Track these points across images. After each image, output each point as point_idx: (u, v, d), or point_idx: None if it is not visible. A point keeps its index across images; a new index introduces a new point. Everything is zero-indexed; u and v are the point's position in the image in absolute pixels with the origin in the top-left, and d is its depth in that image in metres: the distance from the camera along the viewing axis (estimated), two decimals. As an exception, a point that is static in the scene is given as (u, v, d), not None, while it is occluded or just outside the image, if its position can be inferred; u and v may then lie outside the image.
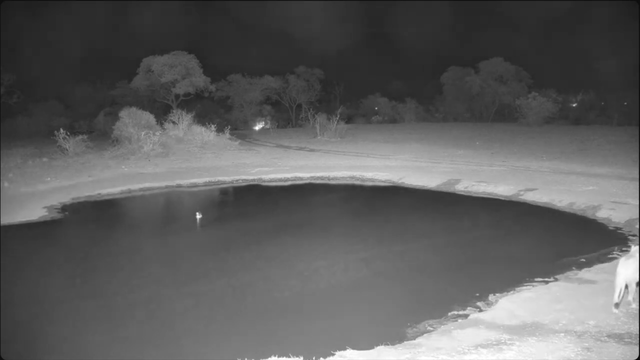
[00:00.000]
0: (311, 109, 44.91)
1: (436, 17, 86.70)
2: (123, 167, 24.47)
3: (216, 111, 58.80)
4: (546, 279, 8.61)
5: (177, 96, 46.21)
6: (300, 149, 32.07)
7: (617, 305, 6.80)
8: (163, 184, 20.00)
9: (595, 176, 18.13)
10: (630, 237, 11.26)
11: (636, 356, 5.57)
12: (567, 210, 14.11)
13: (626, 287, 6.82)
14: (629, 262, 6.83)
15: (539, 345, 5.99)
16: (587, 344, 5.95)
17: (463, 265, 9.87)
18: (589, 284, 8.12)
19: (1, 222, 13.56)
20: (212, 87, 47.22)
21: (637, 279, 6.80)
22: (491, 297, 7.90)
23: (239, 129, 51.51)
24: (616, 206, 13.44)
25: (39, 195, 17.51)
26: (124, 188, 18.91)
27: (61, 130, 28.40)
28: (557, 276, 8.74)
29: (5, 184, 19.06)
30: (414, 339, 6.47)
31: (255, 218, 14.67)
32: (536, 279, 8.64)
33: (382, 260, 10.31)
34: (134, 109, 30.61)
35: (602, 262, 9.47)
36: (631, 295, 7.00)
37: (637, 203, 13.18)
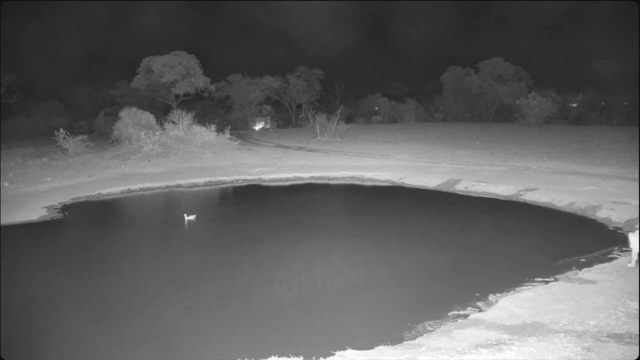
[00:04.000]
0: (311, 109, 44.90)
1: (436, 17, 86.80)
2: (123, 167, 24.47)
3: (216, 111, 58.82)
4: (546, 279, 8.62)
5: (177, 96, 46.22)
6: (300, 149, 32.07)
7: None
8: (163, 184, 20.02)
9: (595, 176, 18.12)
10: (630, 237, 11.24)
11: (636, 356, 5.57)
12: (567, 210, 14.11)
13: None
14: None
15: (539, 345, 5.99)
16: (587, 344, 5.95)
17: (463, 265, 9.87)
18: (589, 284, 8.13)
19: (1, 222, 13.57)
20: (212, 87, 47.22)
21: None
22: (491, 297, 7.90)
23: (239, 129, 51.50)
24: (616, 206, 13.44)
25: (39, 195, 17.52)
26: (124, 188, 18.92)
27: (61, 130, 28.44)
28: (557, 276, 8.75)
29: (5, 184, 19.06)
30: (414, 339, 6.47)
31: (255, 218, 14.67)
32: (536, 279, 8.65)
33: (382, 261, 10.31)
34: (134, 109, 30.64)
35: (602, 262, 9.49)
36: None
37: (637, 203, 13.18)
